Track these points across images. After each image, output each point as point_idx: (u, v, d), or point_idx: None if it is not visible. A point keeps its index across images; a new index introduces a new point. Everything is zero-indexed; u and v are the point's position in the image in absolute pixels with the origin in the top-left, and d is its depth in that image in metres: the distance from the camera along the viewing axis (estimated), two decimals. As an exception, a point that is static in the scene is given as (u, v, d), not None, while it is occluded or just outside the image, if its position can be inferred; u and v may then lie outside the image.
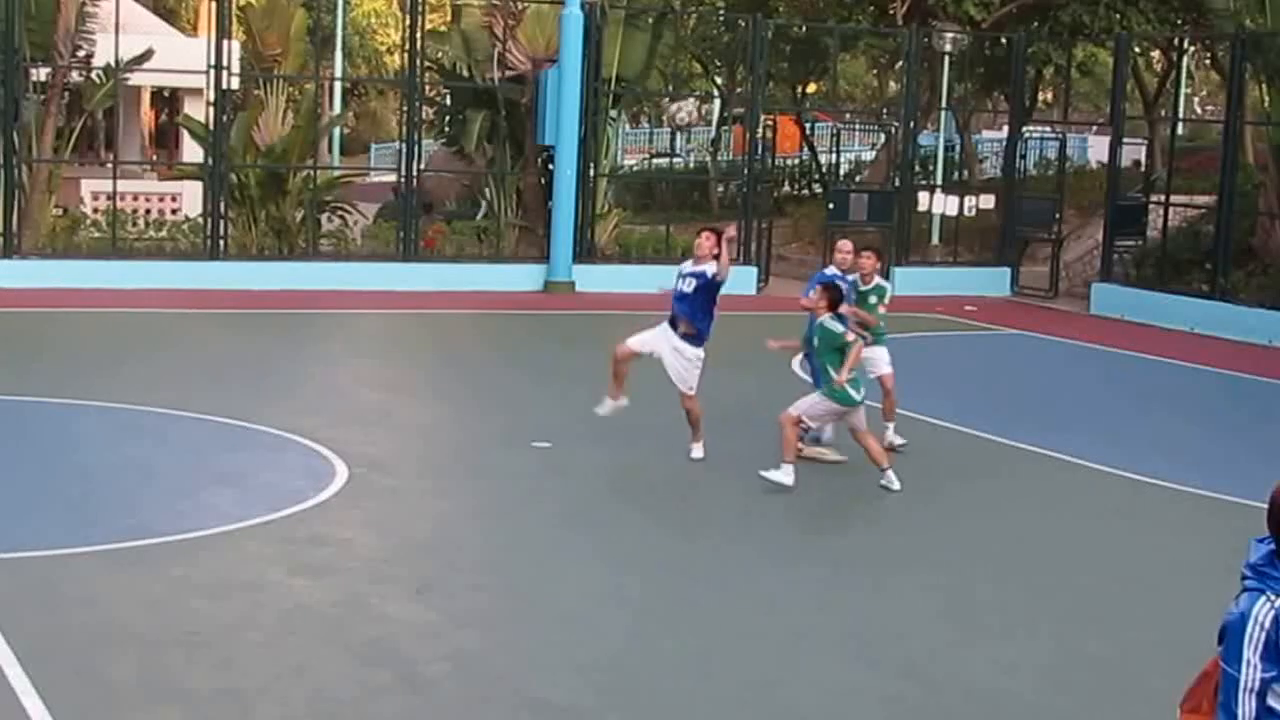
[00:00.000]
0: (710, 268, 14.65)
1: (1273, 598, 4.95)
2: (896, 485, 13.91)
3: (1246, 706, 4.93)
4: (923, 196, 31.90)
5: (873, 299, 15.70)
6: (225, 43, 27.78)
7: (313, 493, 12.91)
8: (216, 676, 8.79)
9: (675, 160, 44.61)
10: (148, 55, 28.35)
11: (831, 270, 15.80)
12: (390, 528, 12.31)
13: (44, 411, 15.86)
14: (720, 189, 40.12)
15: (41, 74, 27.82)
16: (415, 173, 29.16)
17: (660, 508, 13.37)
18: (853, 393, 13.80)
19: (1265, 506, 5.01)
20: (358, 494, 13.03)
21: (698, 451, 14.81)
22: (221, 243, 27.66)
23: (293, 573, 10.76)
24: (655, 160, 45.53)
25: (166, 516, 12.05)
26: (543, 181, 29.92)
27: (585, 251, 29.37)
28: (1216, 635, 5.03)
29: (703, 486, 14.15)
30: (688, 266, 14.92)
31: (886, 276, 16.15)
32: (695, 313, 14.62)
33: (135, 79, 30.69)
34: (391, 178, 34.16)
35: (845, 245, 16.01)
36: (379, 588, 10.56)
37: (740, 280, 28.37)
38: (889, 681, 9.30)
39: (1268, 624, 4.91)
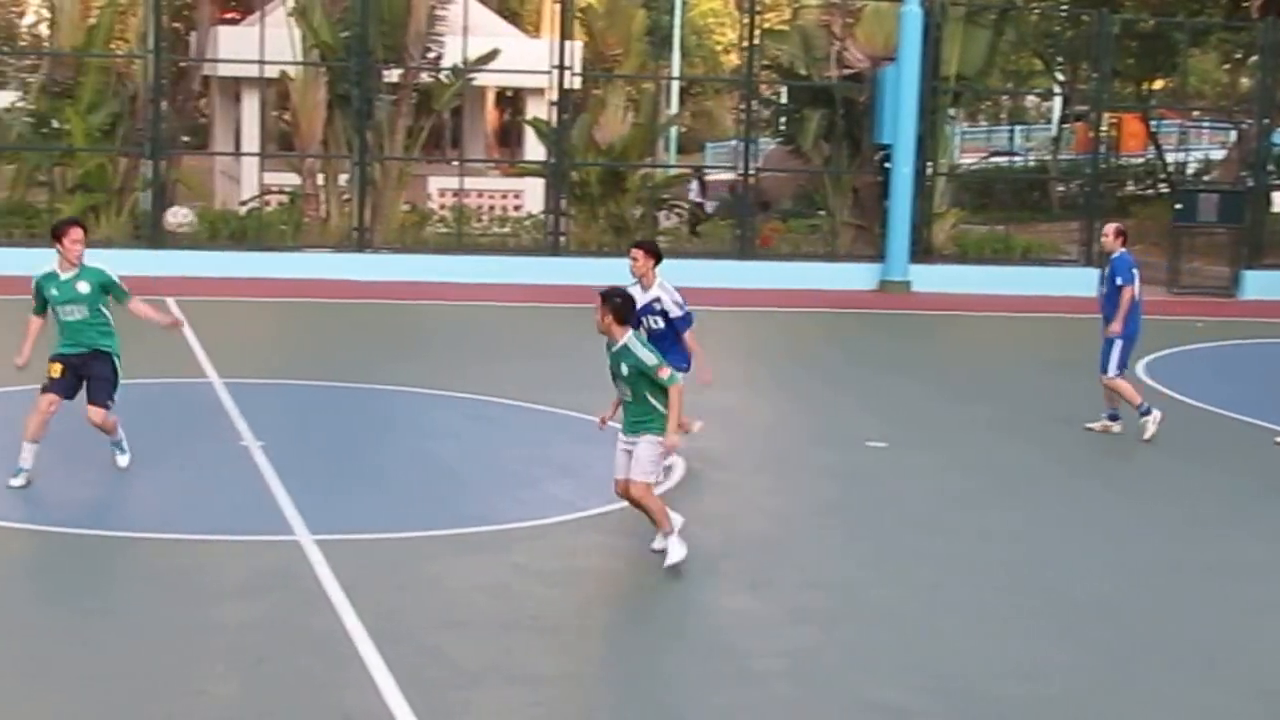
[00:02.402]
0: (659, 295, 12.98)
1: None
2: None
3: None
4: (1277, 197, 30.75)
5: None
6: (567, 43, 28.35)
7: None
8: (558, 661, 8.98)
9: (1014, 159, 43.88)
10: (493, 56, 29.12)
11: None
12: (726, 522, 12.39)
13: (396, 399, 16.41)
14: (1060, 188, 39.33)
15: (393, 75, 28.78)
16: (752, 171, 29.35)
17: (993, 510, 13.17)
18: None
19: None
20: (694, 488, 13.16)
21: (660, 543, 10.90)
22: (562, 239, 28.24)
23: (631, 564, 10.92)
24: (993, 159, 44.90)
25: (511, 504, 12.35)
26: (879, 180, 29.76)
27: (921, 251, 29.13)
28: None
29: (1035, 488, 13.90)
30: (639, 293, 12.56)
31: (1235, 283, 15.56)
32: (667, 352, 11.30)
33: (480, 79, 31.53)
34: (727, 176, 34.41)
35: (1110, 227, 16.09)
36: (715, 581, 10.64)
37: (1082, 282, 27.82)
38: (1235, 701, 9.00)
39: None
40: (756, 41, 29.58)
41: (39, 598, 10.01)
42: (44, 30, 40.87)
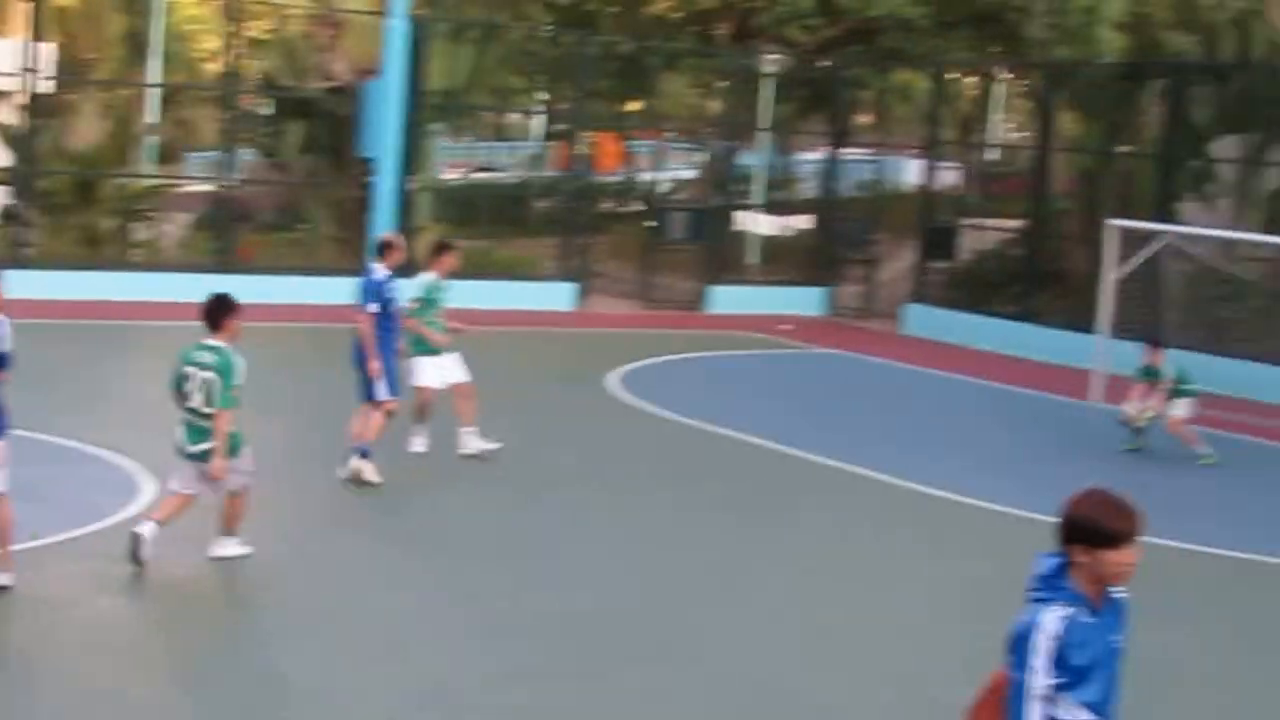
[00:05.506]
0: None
1: (1063, 607, 5.12)
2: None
3: (1034, 713, 5.10)
4: (741, 215, 32.16)
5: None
6: (40, 45, 27.31)
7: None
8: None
9: (499, 175, 44.43)
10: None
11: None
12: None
13: None
14: (541, 204, 40.04)
15: None
16: (233, 183, 28.91)
17: None
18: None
19: (1056, 521, 5.20)
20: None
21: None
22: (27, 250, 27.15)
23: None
24: (477, 174, 45.33)
25: None
26: (362, 194, 29.70)
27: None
28: (1006, 645, 5.19)
29: None
30: None
31: (703, 297, 15.88)
32: None
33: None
34: (208, 187, 33.71)
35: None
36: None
37: (559, 296, 28.52)
38: None
39: (1057, 632, 5.09)
40: (238, 51, 29.09)
41: None
42: None
